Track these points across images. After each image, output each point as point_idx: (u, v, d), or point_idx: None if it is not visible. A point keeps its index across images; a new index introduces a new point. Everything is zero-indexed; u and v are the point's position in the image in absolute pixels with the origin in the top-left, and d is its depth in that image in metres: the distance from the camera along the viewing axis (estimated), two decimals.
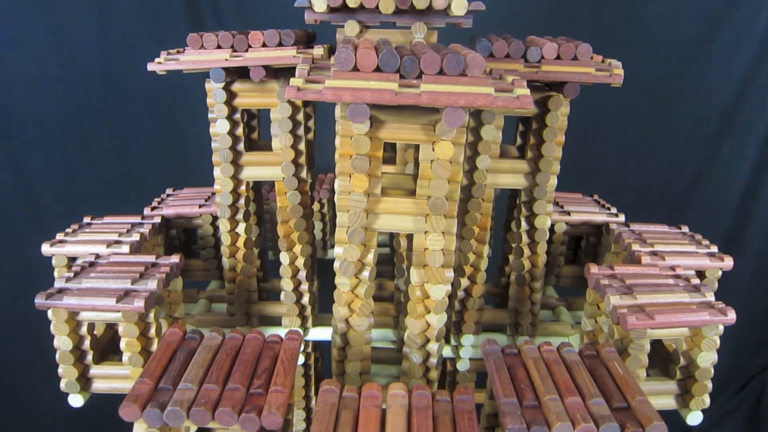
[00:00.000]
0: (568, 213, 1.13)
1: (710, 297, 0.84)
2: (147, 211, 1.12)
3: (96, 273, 0.86)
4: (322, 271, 1.17)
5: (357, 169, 0.72)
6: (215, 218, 1.13)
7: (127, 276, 0.85)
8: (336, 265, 0.79)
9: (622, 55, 1.57)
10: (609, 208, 1.17)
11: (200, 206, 1.13)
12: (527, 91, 0.63)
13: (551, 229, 1.10)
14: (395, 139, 0.72)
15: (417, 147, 0.75)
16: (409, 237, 0.84)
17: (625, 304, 0.81)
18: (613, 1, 1.52)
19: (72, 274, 0.87)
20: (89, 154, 1.61)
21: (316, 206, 1.29)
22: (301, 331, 1.04)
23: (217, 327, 0.76)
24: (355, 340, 0.82)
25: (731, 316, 0.80)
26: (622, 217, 1.12)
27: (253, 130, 1.04)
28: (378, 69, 0.65)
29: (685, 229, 1.09)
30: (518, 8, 1.53)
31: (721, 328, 0.81)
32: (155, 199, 1.18)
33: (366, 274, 0.79)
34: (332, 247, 1.36)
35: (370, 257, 0.78)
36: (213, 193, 1.20)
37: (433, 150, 0.72)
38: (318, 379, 1.23)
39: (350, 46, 0.68)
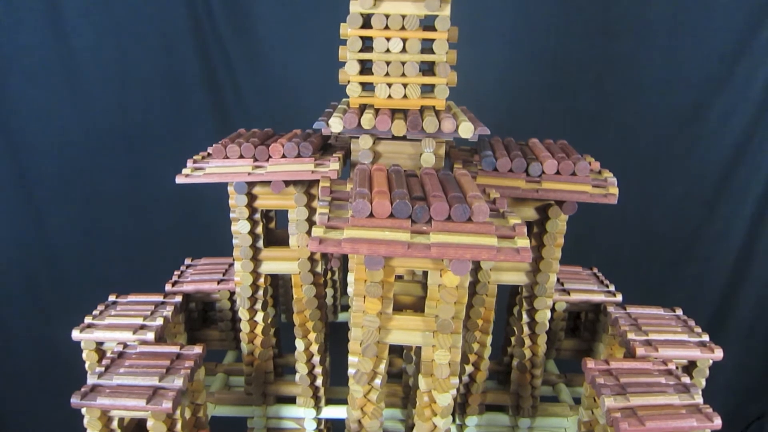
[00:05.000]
0: (568, 292, 1.19)
1: (698, 399, 0.90)
2: (168, 287, 1.18)
3: (125, 368, 0.93)
4: (333, 333, 1.23)
5: (371, 294, 0.78)
6: (233, 293, 1.20)
7: (154, 372, 0.91)
8: (350, 372, 0.85)
9: (621, 118, 1.64)
10: (607, 286, 1.22)
11: (219, 282, 1.20)
12: (527, 243, 0.69)
13: (552, 308, 1.16)
14: (407, 266, 0.78)
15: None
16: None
17: (618, 407, 0.87)
18: (613, 69, 1.58)
19: (103, 369, 0.93)
20: (109, 214, 1.68)
21: (327, 275, 1.35)
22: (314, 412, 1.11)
23: None
24: None
25: (717, 422, 0.86)
26: (619, 297, 1.18)
27: (271, 221, 1.10)
28: (391, 215, 0.71)
29: (679, 311, 1.14)
30: (522, 78, 1.58)
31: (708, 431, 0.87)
32: (175, 272, 1.25)
33: (378, 382, 0.85)
34: (342, 310, 1.42)
35: (382, 367, 0.84)
36: (230, 265, 1.26)
37: (441, 277, 0.78)
38: None
39: (366, 191, 0.74)
